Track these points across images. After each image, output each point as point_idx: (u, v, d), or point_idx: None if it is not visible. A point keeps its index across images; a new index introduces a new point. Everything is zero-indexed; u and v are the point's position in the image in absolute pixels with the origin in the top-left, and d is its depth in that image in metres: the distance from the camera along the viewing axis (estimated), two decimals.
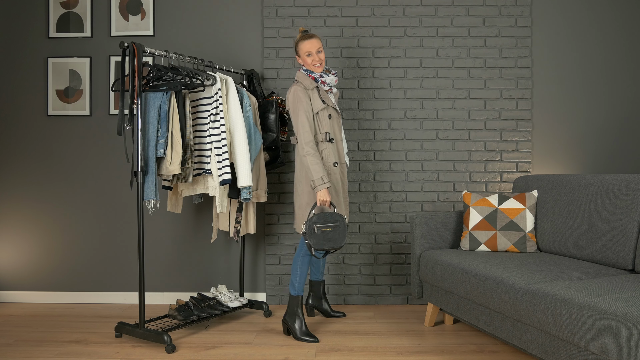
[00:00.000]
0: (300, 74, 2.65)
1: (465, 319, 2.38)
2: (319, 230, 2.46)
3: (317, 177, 2.47)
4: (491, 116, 3.29)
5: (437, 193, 3.30)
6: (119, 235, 3.36)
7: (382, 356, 2.34)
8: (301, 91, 2.57)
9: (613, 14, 3.29)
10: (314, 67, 2.63)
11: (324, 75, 2.66)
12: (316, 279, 2.96)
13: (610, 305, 1.55)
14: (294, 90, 2.57)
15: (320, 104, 2.61)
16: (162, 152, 2.49)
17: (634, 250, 2.14)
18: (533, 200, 2.68)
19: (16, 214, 3.38)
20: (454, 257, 2.50)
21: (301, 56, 2.65)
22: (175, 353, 2.38)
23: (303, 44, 2.62)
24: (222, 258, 3.34)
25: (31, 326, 2.83)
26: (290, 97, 2.58)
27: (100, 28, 3.36)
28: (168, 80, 2.55)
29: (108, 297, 3.34)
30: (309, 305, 2.98)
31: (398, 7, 3.29)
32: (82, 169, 3.36)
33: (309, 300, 2.98)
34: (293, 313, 2.61)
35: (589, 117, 3.31)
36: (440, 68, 3.29)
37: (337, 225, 2.51)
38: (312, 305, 2.98)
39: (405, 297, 3.29)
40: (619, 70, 3.30)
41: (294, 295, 2.62)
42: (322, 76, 2.65)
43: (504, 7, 3.27)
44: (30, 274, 3.37)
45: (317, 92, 2.63)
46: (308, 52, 2.61)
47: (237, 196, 2.81)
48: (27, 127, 3.37)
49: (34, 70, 3.36)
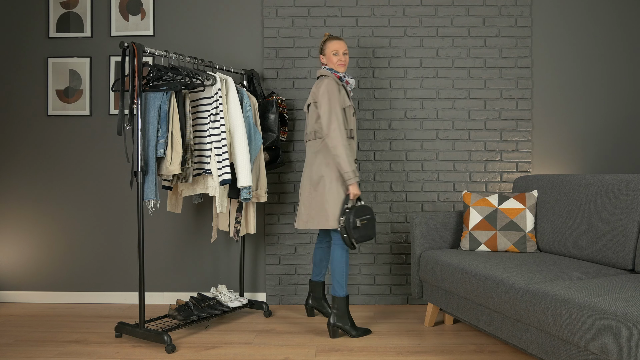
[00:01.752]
0: (326, 71, 2.68)
1: (465, 319, 2.38)
2: (360, 224, 2.51)
3: (350, 170, 2.51)
4: (491, 116, 3.29)
5: (437, 193, 3.30)
6: (119, 235, 3.36)
7: (382, 356, 2.34)
8: (336, 84, 2.61)
9: (613, 14, 3.29)
10: (338, 67, 2.68)
11: (347, 76, 2.72)
12: (317, 280, 2.95)
13: (610, 305, 1.55)
14: (329, 82, 2.59)
15: (347, 100, 2.66)
16: (162, 152, 2.49)
17: (634, 250, 2.14)
18: (533, 200, 2.68)
19: (16, 214, 3.38)
20: (454, 257, 2.50)
21: (327, 55, 2.69)
22: (175, 353, 2.38)
23: (331, 43, 2.69)
24: (222, 258, 3.34)
25: (31, 326, 2.83)
26: (323, 87, 2.57)
27: (100, 28, 3.36)
28: (168, 80, 2.55)
29: (108, 297, 3.34)
30: (308, 305, 2.98)
31: (398, 7, 3.29)
32: (82, 169, 3.36)
33: (309, 300, 2.97)
34: (344, 315, 2.59)
35: (589, 117, 3.31)
36: (440, 68, 3.29)
37: (370, 217, 2.60)
38: (312, 306, 2.97)
39: (405, 297, 3.29)
40: (619, 71, 3.30)
41: (343, 296, 2.59)
42: (345, 76, 2.70)
43: (504, 7, 3.27)
44: (30, 274, 3.37)
45: (344, 90, 2.68)
46: (335, 50, 2.67)
47: (237, 196, 2.81)
48: (27, 127, 3.37)
49: (34, 70, 3.36)
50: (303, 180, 2.72)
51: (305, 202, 2.67)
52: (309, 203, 2.66)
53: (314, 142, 2.69)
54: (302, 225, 2.69)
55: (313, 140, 2.69)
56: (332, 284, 2.63)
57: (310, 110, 2.71)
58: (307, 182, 2.68)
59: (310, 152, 2.71)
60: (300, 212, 2.71)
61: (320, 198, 2.61)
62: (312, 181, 2.65)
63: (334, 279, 2.62)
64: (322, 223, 2.59)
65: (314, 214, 2.63)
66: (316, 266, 2.94)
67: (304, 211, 2.68)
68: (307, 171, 2.69)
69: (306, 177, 2.70)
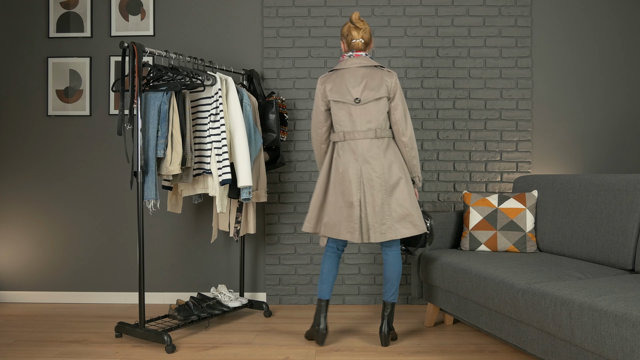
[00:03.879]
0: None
1: (465, 319, 2.38)
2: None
3: (420, 172, 2.49)
4: (491, 116, 3.29)
5: (437, 193, 3.30)
6: (119, 235, 3.36)
7: (382, 356, 2.33)
8: None
9: (613, 14, 3.29)
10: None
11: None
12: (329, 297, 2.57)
13: (610, 305, 1.55)
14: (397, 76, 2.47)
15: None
16: (162, 152, 2.49)
17: (634, 250, 2.14)
18: (533, 200, 2.68)
19: (16, 214, 3.38)
20: (454, 257, 2.50)
21: (370, 46, 2.51)
22: (175, 353, 2.38)
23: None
24: (222, 258, 3.34)
25: (31, 326, 2.83)
26: (398, 82, 2.44)
27: (100, 28, 3.36)
28: (168, 80, 2.55)
29: (108, 297, 3.34)
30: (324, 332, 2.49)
31: (398, 7, 3.29)
32: (82, 169, 3.36)
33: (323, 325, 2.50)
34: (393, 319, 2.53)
35: (589, 117, 3.31)
36: (440, 68, 3.29)
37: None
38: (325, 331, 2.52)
39: (405, 297, 3.29)
40: (619, 71, 3.30)
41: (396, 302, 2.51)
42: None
43: (504, 7, 3.27)
44: (30, 274, 3.37)
45: None
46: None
47: (237, 196, 2.81)
48: (27, 127, 3.37)
49: (34, 70, 3.36)
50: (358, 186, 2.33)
51: (379, 210, 2.31)
52: (387, 210, 2.32)
53: (377, 141, 2.37)
54: (378, 237, 2.31)
55: (373, 139, 2.36)
56: (392, 291, 2.45)
57: (375, 103, 2.38)
58: (378, 186, 2.32)
59: (370, 152, 2.35)
60: (369, 223, 2.32)
61: (402, 202, 2.33)
62: (388, 186, 2.32)
63: (394, 286, 2.45)
64: (410, 230, 2.33)
65: (395, 221, 2.33)
66: (330, 280, 2.52)
67: (376, 220, 2.31)
68: (373, 174, 2.33)
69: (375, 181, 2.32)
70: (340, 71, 2.43)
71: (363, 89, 2.38)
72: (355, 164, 2.35)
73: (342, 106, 2.40)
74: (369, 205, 2.33)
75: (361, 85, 2.37)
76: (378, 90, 2.37)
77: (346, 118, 2.40)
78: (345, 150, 2.39)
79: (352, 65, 2.42)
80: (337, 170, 2.40)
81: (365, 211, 2.33)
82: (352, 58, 2.43)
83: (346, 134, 2.39)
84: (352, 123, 2.38)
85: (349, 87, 2.39)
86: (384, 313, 2.46)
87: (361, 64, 2.41)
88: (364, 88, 2.37)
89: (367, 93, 2.37)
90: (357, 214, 2.33)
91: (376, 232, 2.32)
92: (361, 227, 2.34)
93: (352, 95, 2.38)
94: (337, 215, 2.37)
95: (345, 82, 2.39)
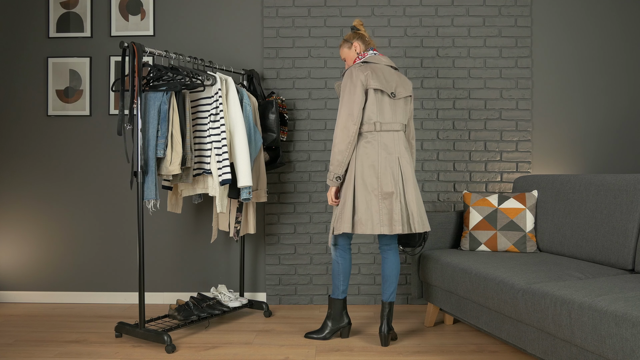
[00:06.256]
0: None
1: (465, 319, 2.38)
2: None
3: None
4: (491, 116, 3.29)
5: (437, 193, 3.30)
6: (119, 235, 3.36)
7: (382, 356, 2.33)
8: None
9: (613, 14, 3.29)
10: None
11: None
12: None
13: (610, 305, 1.55)
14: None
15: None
16: (162, 152, 2.49)
17: (634, 250, 2.14)
18: (533, 200, 2.68)
19: (16, 214, 3.38)
20: (454, 257, 2.50)
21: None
22: (175, 353, 2.38)
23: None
24: (222, 258, 3.34)
25: (31, 326, 2.83)
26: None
27: (100, 28, 3.36)
28: (168, 80, 2.55)
29: (108, 297, 3.34)
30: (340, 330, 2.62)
31: (398, 7, 3.29)
32: (82, 169, 3.36)
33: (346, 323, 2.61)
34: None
35: (589, 117, 3.31)
36: (440, 68, 3.29)
37: None
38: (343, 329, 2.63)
39: (405, 297, 3.29)
40: (619, 71, 3.30)
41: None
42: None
43: (504, 7, 3.27)
44: (30, 274, 3.37)
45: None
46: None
47: (237, 196, 2.81)
48: (27, 127, 3.37)
49: (34, 70, 3.36)
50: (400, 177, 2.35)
51: (416, 201, 2.36)
52: (420, 202, 2.40)
53: (404, 137, 2.44)
54: (420, 228, 2.34)
55: (402, 133, 2.43)
56: (391, 290, 2.46)
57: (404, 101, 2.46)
58: (411, 180, 2.37)
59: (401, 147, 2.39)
60: (411, 213, 2.34)
61: (419, 198, 2.41)
62: (414, 179, 2.40)
63: (393, 285, 2.46)
64: (427, 224, 2.40)
65: (423, 215, 2.39)
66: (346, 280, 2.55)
67: (416, 210, 2.34)
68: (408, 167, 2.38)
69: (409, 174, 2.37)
70: (372, 64, 2.43)
71: (396, 85, 2.43)
72: (389, 156, 2.34)
73: (381, 96, 2.37)
74: (408, 195, 2.34)
75: (394, 82, 2.43)
76: (406, 89, 2.46)
77: (385, 108, 2.38)
78: (373, 143, 2.35)
79: (380, 62, 2.45)
80: (362, 165, 2.34)
81: (405, 201, 2.34)
82: (378, 55, 2.47)
83: (381, 125, 2.36)
84: (390, 114, 2.39)
85: (387, 79, 2.40)
86: (383, 313, 2.47)
87: (388, 63, 2.47)
88: (397, 85, 2.43)
89: (400, 90, 2.44)
90: (398, 205, 2.31)
91: (417, 222, 2.33)
92: (402, 218, 2.31)
93: (390, 88, 2.40)
94: (368, 210, 2.31)
95: (383, 74, 2.40)
